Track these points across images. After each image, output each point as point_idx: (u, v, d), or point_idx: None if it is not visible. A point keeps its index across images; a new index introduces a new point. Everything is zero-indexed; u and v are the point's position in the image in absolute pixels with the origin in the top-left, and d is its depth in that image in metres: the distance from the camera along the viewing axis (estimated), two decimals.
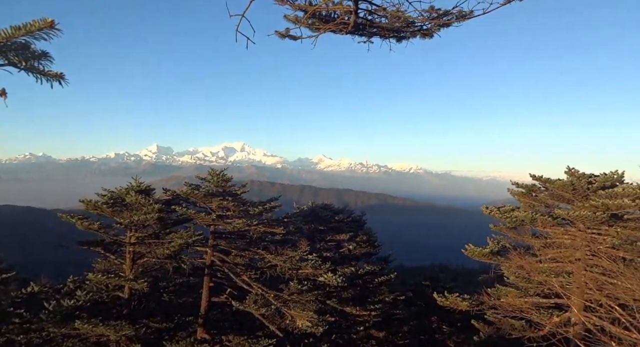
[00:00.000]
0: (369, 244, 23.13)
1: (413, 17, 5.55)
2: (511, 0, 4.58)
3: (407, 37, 6.00)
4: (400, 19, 5.64)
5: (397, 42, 6.15)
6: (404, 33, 5.95)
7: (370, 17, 5.89)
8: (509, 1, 4.56)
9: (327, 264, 17.31)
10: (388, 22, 5.76)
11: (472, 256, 16.20)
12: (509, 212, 14.96)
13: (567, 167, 14.89)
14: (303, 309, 14.39)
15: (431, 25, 5.61)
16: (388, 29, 5.89)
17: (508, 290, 15.53)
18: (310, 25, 5.93)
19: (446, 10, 5.25)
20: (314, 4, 5.62)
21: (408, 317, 21.76)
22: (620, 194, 13.02)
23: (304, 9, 5.67)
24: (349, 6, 5.58)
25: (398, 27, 5.83)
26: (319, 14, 5.91)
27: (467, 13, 5.12)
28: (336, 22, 5.79)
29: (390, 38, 6.07)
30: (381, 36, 6.08)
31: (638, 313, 7.49)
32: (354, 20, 5.63)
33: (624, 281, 9.49)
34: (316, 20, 5.89)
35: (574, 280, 13.88)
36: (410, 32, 5.93)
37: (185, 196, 14.86)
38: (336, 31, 5.94)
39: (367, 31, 6.01)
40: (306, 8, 5.62)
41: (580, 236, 13.94)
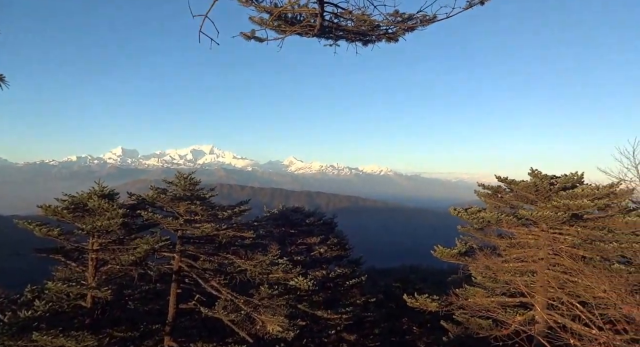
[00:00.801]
0: (340, 247, 23.17)
1: (378, 21, 5.58)
2: (473, 5, 4.69)
3: (373, 40, 6.03)
4: (366, 23, 5.65)
5: (363, 45, 6.17)
6: (369, 36, 5.97)
7: (337, 20, 5.88)
8: (470, 6, 4.67)
9: (298, 267, 17.19)
10: (354, 25, 5.77)
11: (441, 257, 16.47)
12: (476, 214, 15.27)
13: (531, 168, 15.36)
14: (274, 313, 14.22)
15: (396, 29, 5.65)
16: (354, 33, 5.90)
17: (475, 290, 15.84)
18: (276, 27, 5.87)
19: (410, 14, 5.30)
20: (279, 6, 5.56)
21: (379, 320, 21.89)
22: (580, 195, 13.52)
23: (270, 11, 5.60)
24: (314, 9, 5.54)
25: (364, 31, 5.85)
26: (285, 16, 5.85)
27: (430, 17, 5.19)
28: (302, 25, 5.75)
29: (356, 41, 6.08)
30: (347, 39, 6.08)
31: (597, 310, 7.75)
32: (320, 23, 5.61)
33: (584, 279, 9.83)
34: (282, 23, 5.83)
35: (538, 279, 14.29)
36: (376, 36, 5.96)
37: (151, 200, 14.42)
38: (302, 34, 5.89)
39: (333, 34, 6.00)
40: (271, 10, 5.55)
41: (543, 236, 14.38)
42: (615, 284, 8.56)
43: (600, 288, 8.62)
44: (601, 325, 7.27)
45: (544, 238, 14.36)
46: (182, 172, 15.58)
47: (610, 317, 7.77)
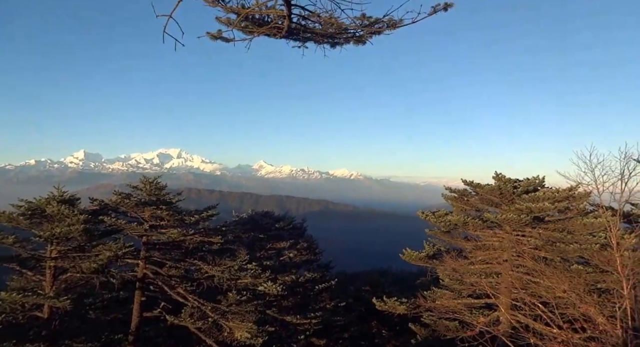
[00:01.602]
0: (309, 251, 23.07)
1: (346, 24, 5.60)
2: (437, 11, 4.79)
3: (340, 43, 6.04)
4: (334, 26, 5.66)
5: (331, 48, 6.17)
6: (337, 39, 5.98)
7: (304, 22, 5.86)
8: (435, 11, 4.78)
9: (267, 272, 17.00)
10: (322, 28, 5.76)
11: (410, 260, 16.65)
12: (443, 217, 15.54)
13: (495, 172, 15.77)
14: (242, 320, 13.99)
15: (364, 32, 5.68)
16: (322, 35, 5.89)
17: (443, 292, 16.08)
18: (243, 28, 5.79)
19: (377, 18, 5.36)
20: (246, 7, 5.48)
21: (349, 324, 21.90)
22: (541, 198, 13.98)
23: (236, 12, 5.52)
24: (282, 11, 5.50)
25: (332, 33, 5.85)
26: (252, 17, 5.78)
27: (397, 22, 5.26)
28: (270, 26, 5.69)
29: (324, 44, 6.07)
30: (315, 41, 6.07)
31: (557, 309, 7.98)
32: (287, 24, 5.57)
33: (545, 279, 10.13)
34: (249, 24, 5.76)
35: (502, 280, 14.65)
36: (344, 39, 5.98)
37: (115, 205, 13.94)
38: (270, 35, 5.84)
39: (301, 36, 5.97)
40: (238, 11, 5.47)
41: (507, 238, 14.77)
42: (574, 284, 8.86)
43: (560, 288, 8.89)
44: (561, 324, 7.49)
45: (508, 240, 14.75)
46: (148, 176, 15.13)
47: (570, 316, 8.01)
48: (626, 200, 7.74)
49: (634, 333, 6.22)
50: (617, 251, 7.32)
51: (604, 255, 9.44)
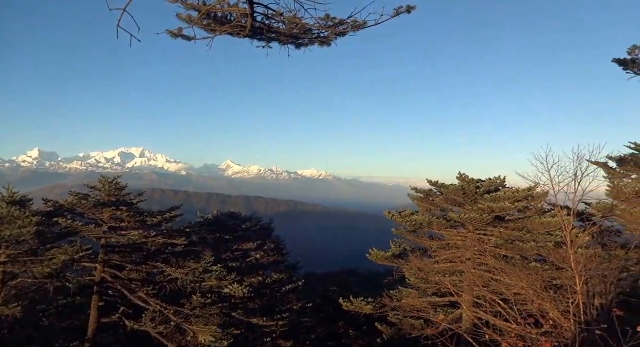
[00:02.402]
0: (277, 252, 22.89)
1: (310, 25, 5.55)
2: (400, 13, 4.83)
3: (305, 44, 5.98)
4: (298, 26, 5.60)
5: (296, 49, 6.09)
6: (302, 40, 5.91)
7: (268, 22, 5.76)
8: (398, 14, 4.82)
9: (233, 274, 16.75)
10: (286, 28, 5.69)
11: (376, 260, 16.77)
12: (409, 217, 15.73)
13: (459, 173, 16.09)
14: (206, 323, 13.70)
15: (328, 33, 5.65)
16: (286, 35, 5.81)
17: (409, 291, 16.27)
18: (205, 26, 5.65)
19: (341, 19, 5.34)
20: (207, 4, 5.34)
21: (316, 325, 21.86)
22: (503, 198, 14.38)
23: (198, 9, 5.37)
24: (245, 9, 5.39)
25: (296, 34, 5.79)
26: (215, 15, 5.63)
27: (361, 23, 5.26)
28: (233, 25, 5.57)
29: (289, 44, 6.00)
30: (280, 42, 5.98)
31: (516, 306, 8.19)
32: (250, 23, 5.46)
33: (505, 277, 10.40)
34: (212, 22, 5.62)
35: (465, 279, 14.96)
36: (309, 39, 5.92)
37: (71, 206, 13.33)
38: (233, 34, 5.71)
39: (265, 36, 5.87)
40: (199, 8, 5.32)
41: (470, 237, 15.10)
42: (532, 281, 9.13)
43: (519, 285, 9.14)
44: (519, 320, 7.68)
45: (471, 239, 15.08)
46: (107, 176, 14.58)
47: (528, 312, 8.23)
48: (580, 199, 8.05)
49: (586, 327, 6.44)
50: (571, 249, 7.59)
51: (560, 253, 9.78)
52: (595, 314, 7.12)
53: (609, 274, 9.16)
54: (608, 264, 10.14)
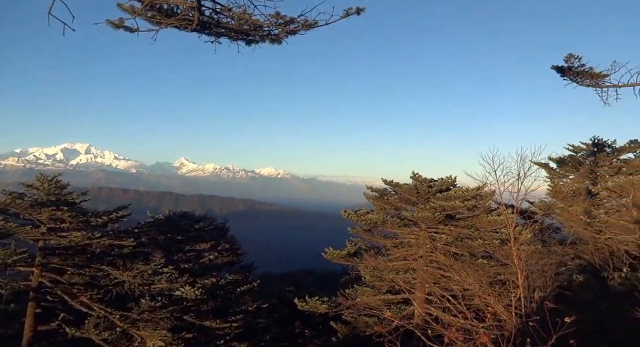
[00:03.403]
0: (232, 253, 22.44)
1: (260, 21, 5.44)
2: (350, 14, 4.85)
3: (256, 40, 5.85)
4: (248, 22, 5.47)
5: (246, 45, 5.95)
6: (252, 36, 5.78)
7: (217, 16, 5.58)
8: (347, 15, 4.84)
9: (184, 276, 16.25)
10: (236, 23, 5.54)
11: (332, 259, 16.84)
12: (364, 215, 15.91)
13: (413, 172, 16.46)
14: (155, 328, 13.20)
15: (279, 31, 5.56)
16: (236, 31, 5.66)
17: (364, 289, 16.46)
18: (150, 18, 5.41)
19: (292, 17, 5.28)
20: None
21: (271, 325, 21.64)
22: (453, 197, 14.83)
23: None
24: (192, 2, 5.20)
25: (246, 30, 5.65)
26: (160, 6, 5.40)
27: (312, 22, 5.22)
28: (179, 18, 5.36)
29: (238, 40, 5.84)
30: (229, 37, 5.82)
31: (464, 301, 8.45)
32: (197, 17, 5.28)
33: (454, 273, 10.70)
34: (157, 14, 5.39)
35: (417, 276, 15.30)
36: (259, 36, 5.80)
37: (4, 206, 12.38)
38: (180, 27, 5.49)
39: (214, 31, 5.69)
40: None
41: (423, 235, 15.47)
42: (478, 276, 9.45)
43: (467, 281, 9.43)
44: (467, 314, 7.91)
45: (423, 237, 15.45)
46: (45, 173, 13.70)
47: (475, 306, 8.51)
48: (523, 198, 8.41)
49: (526, 319, 6.73)
50: (514, 245, 7.93)
51: (504, 249, 10.21)
52: (535, 307, 7.45)
53: (548, 268, 9.64)
54: (547, 259, 10.68)
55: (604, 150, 17.73)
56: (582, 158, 18.17)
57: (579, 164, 17.82)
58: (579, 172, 17.82)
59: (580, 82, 7.33)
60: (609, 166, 17.51)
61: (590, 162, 17.80)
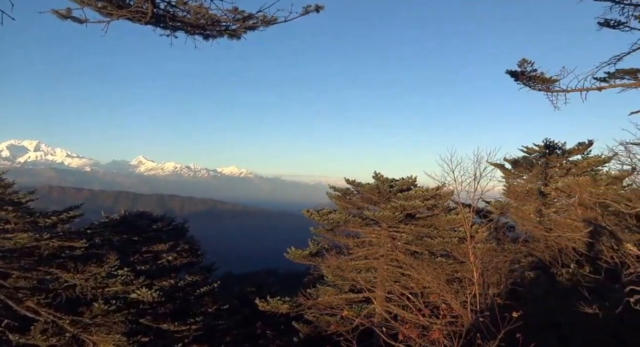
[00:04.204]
0: (191, 253, 21.92)
1: (218, 16, 5.32)
2: (309, 12, 4.83)
3: (214, 35, 5.71)
4: (205, 16, 5.33)
5: (204, 40, 5.79)
6: (210, 31, 5.64)
7: (172, 10, 5.41)
8: (306, 12, 4.82)
9: (141, 278, 15.75)
10: (192, 17, 5.39)
11: (294, 259, 16.79)
12: (327, 215, 15.96)
13: (375, 172, 16.65)
14: (109, 332, 12.69)
15: (237, 26, 5.46)
16: (192, 25, 5.51)
17: (326, 289, 16.50)
18: (100, 8, 5.16)
19: (250, 13, 5.20)
20: None
21: (232, 327, 21.31)
22: (414, 196, 15.11)
23: None
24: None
25: (203, 25, 5.51)
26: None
27: (271, 19, 5.16)
28: (132, 10, 5.15)
29: (195, 34, 5.69)
30: (186, 31, 5.66)
31: (423, 299, 8.62)
32: (151, 9, 5.09)
33: (414, 272, 10.90)
34: (108, 4, 5.15)
35: (378, 274, 15.49)
36: (217, 31, 5.67)
37: None
38: (133, 20, 5.27)
39: (169, 24, 5.51)
40: None
41: (384, 234, 15.68)
42: (437, 274, 9.67)
43: (426, 279, 9.63)
44: (425, 312, 8.06)
45: (384, 236, 15.66)
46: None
47: (434, 304, 8.70)
48: (479, 198, 8.68)
49: (481, 315, 6.93)
50: (471, 243, 8.16)
51: (462, 247, 10.50)
52: (489, 303, 7.69)
53: (502, 266, 10.01)
54: (501, 257, 11.09)
55: (555, 152, 18.58)
56: (535, 159, 18.97)
57: (532, 165, 18.60)
58: (531, 173, 18.59)
59: (533, 87, 7.64)
60: (559, 167, 18.37)
61: (542, 163, 18.60)
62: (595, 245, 13.99)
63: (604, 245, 11.54)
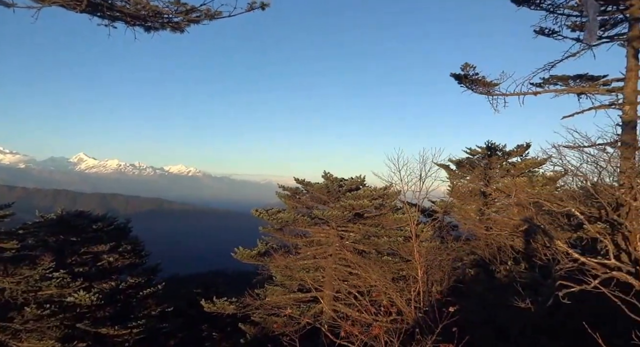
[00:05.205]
0: (134, 254, 21.04)
1: (159, 8, 5.16)
2: (254, 8, 4.80)
3: (156, 27, 5.53)
4: (146, 7, 5.14)
5: (145, 32, 5.59)
6: (151, 23, 5.45)
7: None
8: (252, 8, 4.78)
9: (78, 280, 14.96)
10: (131, 7, 5.17)
11: (241, 259, 16.55)
12: (276, 214, 15.87)
13: (324, 171, 16.76)
14: (41, 338, 11.99)
15: (180, 19, 5.32)
16: (132, 16, 5.29)
17: (274, 289, 16.39)
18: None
19: (194, 6, 5.09)
20: None
21: (176, 329, 20.67)
22: (362, 196, 15.37)
23: None
24: None
25: (144, 16, 5.31)
26: None
27: (215, 13, 5.07)
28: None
29: (136, 26, 5.47)
30: (126, 22, 5.43)
31: (369, 297, 8.76)
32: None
33: (361, 271, 11.06)
34: None
35: (326, 274, 15.61)
36: (159, 23, 5.48)
37: None
38: (67, 7, 4.97)
39: (107, 14, 5.26)
40: None
41: (332, 234, 15.82)
42: (383, 272, 9.88)
43: (373, 277, 9.81)
44: (371, 310, 8.20)
45: (332, 236, 15.80)
46: None
47: (380, 302, 8.87)
48: (424, 197, 8.97)
49: (424, 311, 7.16)
50: (416, 242, 8.40)
51: (407, 246, 10.79)
52: (432, 300, 7.96)
53: (445, 264, 10.39)
54: (445, 255, 11.52)
55: (496, 154, 19.55)
56: (478, 161, 19.87)
57: (474, 167, 19.45)
58: (474, 174, 19.45)
59: (475, 90, 7.99)
60: (500, 168, 19.34)
61: (484, 164, 19.51)
62: (530, 243, 14.86)
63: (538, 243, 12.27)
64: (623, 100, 11.00)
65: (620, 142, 10.62)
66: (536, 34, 10.85)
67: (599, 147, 9.37)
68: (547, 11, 11.02)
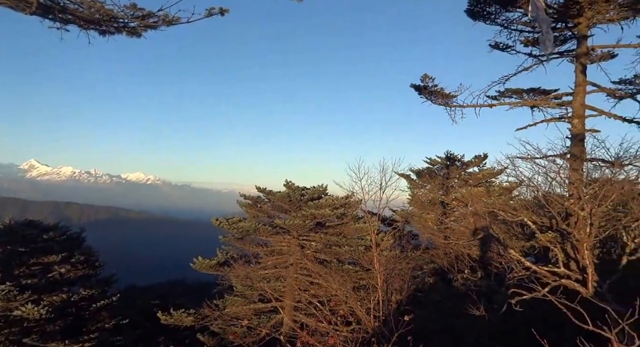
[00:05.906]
0: (87, 265, 20.10)
1: (114, 12, 5.04)
2: (212, 14, 4.78)
3: (111, 32, 5.39)
4: (100, 11, 5.01)
5: (100, 36, 5.44)
6: (106, 27, 5.32)
7: (61, 1, 5.01)
8: (210, 14, 4.76)
9: (26, 293, 14.19)
10: (86, 11, 5.03)
11: (200, 269, 16.23)
12: (236, 223, 15.68)
13: (286, 180, 16.73)
14: None
15: (136, 24, 5.22)
16: (86, 19, 5.15)
17: (234, 299, 16.12)
18: None
19: (150, 11, 5.01)
20: None
21: (131, 343, 19.87)
22: (324, 205, 15.44)
23: None
24: None
25: (98, 20, 5.17)
26: None
27: (173, 19, 5.01)
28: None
29: (90, 29, 5.32)
30: (79, 26, 5.26)
31: (330, 307, 8.77)
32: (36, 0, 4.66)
33: (322, 280, 11.07)
34: None
35: (287, 284, 15.51)
36: (115, 28, 5.36)
37: None
38: (16, 8, 4.78)
39: (59, 16, 5.09)
40: None
41: (294, 243, 15.77)
42: (344, 282, 9.92)
43: (334, 287, 9.83)
44: (332, 320, 8.21)
45: (294, 245, 15.75)
46: None
47: (341, 312, 8.89)
48: (385, 206, 9.13)
49: (383, 320, 7.24)
50: (376, 251, 8.51)
51: (368, 255, 10.90)
52: (392, 309, 8.06)
53: (405, 272, 10.57)
54: (405, 263, 11.72)
55: (455, 164, 20.18)
56: (437, 170, 20.43)
57: (434, 176, 20.00)
58: (433, 184, 19.98)
59: (434, 101, 8.25)
60: (458, 178, 19.97)
61: (443, 174, 20.08)
62: (486, 251, 15.37)
63: (493, 252, 12.70)
64: (572, 114, 11.65)
65: (569, 154, 11.22)
66: (491, 48, 11.36)
67: (549, 159, 9.87)
68: (501, 26, 11.57)
